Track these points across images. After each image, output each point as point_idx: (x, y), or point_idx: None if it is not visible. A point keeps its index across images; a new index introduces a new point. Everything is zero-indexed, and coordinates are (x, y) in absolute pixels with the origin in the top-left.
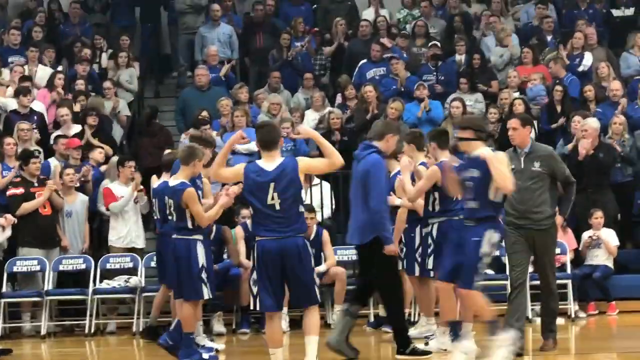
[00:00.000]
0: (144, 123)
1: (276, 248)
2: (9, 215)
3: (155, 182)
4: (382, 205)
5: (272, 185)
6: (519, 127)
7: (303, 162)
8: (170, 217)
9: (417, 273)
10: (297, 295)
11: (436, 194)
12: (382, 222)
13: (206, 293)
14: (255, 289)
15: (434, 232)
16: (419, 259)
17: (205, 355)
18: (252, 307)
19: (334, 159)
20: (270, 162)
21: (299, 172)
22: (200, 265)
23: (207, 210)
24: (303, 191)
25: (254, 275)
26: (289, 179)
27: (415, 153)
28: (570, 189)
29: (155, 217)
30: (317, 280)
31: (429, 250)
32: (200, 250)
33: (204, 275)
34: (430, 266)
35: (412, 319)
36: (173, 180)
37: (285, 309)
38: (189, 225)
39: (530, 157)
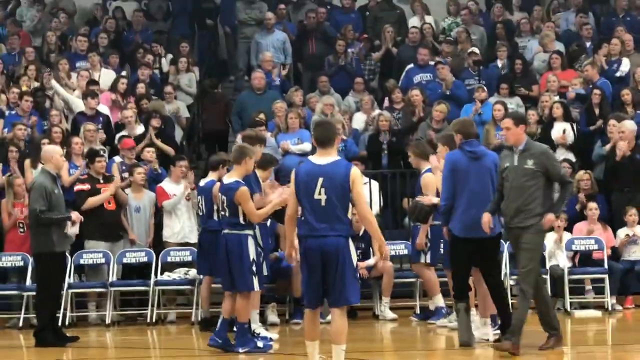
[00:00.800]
0: (208, 88)
1: (317, 246)
2: (77, 213)
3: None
4: None
5: (320, 179)
6: (512, 126)
7: (354, 176)
8: (222, 213)
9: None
10: (333, 294)
11: None
12: None
13: (256, 285)
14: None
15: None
16: None
17: (260, 344)
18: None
19: (368, 218)
20: (323, 158)
21: (350, 177)
22: (251, 259)
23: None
24: None
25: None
26: (339, 179)
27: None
28: (565, 188)
29: (200, 214)
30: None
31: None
32: (251, 245)
33: (254, 268)
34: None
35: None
36: (227, 179)
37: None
38: (241, 221)
39: (524, 155)
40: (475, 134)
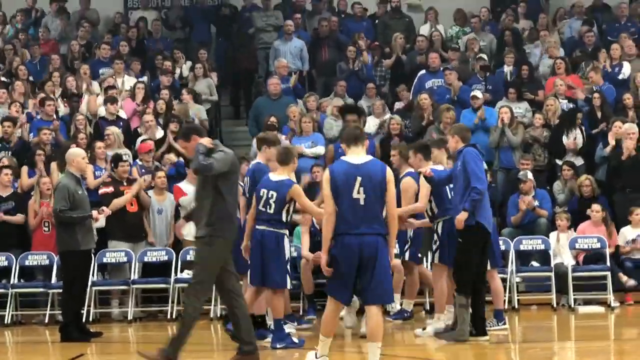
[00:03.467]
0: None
1: (356, 244)
2: (105, 208)
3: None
4: None
5: (359, 179)
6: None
7: (390, 176)
8: (263, 209)
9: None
10: (371, 292)
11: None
12: None
13: (289, 283)
14: (331, 279)
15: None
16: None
17: (295, 339)
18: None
19: (396, 218)
20: (357, 157)
21: (386, 177)
22: (287, 257)
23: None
24: None
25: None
26: (377, 178)
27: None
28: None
29: None
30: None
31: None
32: (287, 244)
33: (288, 267)
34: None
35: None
36: (276, 176)
37: None
38: (284, 219)
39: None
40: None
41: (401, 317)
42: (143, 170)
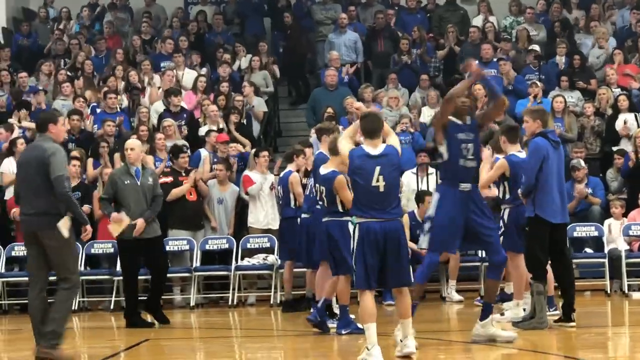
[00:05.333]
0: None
1: (380, 229)
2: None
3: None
4: None
5: (378, 168)
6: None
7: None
8: (320, 203)
9: None
10: (395, 276)
11: (505, 184)
12: None
13: None
14: (356, 266)
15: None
16: None
17: (360, 325)
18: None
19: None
20: (374, 148)
21: (399, 160)
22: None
23: None
24: (420, 179)
25: (354, 253)
26: (393, 163)
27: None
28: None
29: (280, 202)
30: None
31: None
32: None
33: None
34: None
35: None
36: (324, 169)
37: None
38: (340, 209)
39: None
40: (548, 123)
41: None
42: (215, 160)
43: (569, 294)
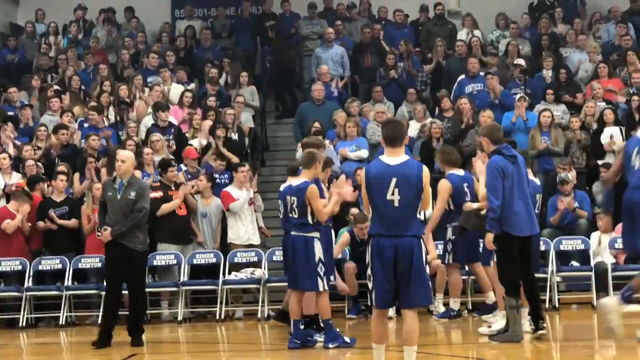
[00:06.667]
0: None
1: (391, 246)
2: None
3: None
4: None
5: (394, 180)
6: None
7: (426, 176)
8: (291, 215)
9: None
10: (407, 294)
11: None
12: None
13: (321, 286)
14: (370, 284)
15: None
16: None
17: (347, 339)
18: (369, 303)
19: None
20: (394, 157)
21: (423, 178)
22: (316, 260)
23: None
24: None
25: (369, 271)
26: (413, 179)
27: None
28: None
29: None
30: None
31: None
32: (318, 246)
33: (319, 270)
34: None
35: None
36: (296, 181)
37: None
38: (310, 221)
39: None
40: (501, 139)
41: (447, 316)
42: (189, 176)
43: (532, 305)
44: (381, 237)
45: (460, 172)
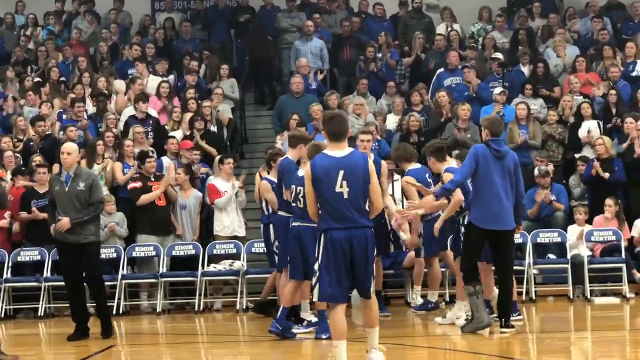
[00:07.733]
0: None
1: (345, 238)
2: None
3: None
4: None
5: (341, 172)
6: None
7: (372, 167)
8: (295, 205)
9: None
10: (365, 285)
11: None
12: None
13: None
14: (314, 279)
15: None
16: None
17: None
18: (312, 299)
19: (379, 208)
20: (339, 150)
21: (369, 167)
22: None
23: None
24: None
25: (316, 266)
26: (360, 170)
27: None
28: None
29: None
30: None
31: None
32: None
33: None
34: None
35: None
36: (301, 171)
37: None
38: None
39: None
40: (500, 134)
41: (425, 309)
42: (179, 167)
43: (503, 300)
44: (334, 230)
45: (417, 165)
